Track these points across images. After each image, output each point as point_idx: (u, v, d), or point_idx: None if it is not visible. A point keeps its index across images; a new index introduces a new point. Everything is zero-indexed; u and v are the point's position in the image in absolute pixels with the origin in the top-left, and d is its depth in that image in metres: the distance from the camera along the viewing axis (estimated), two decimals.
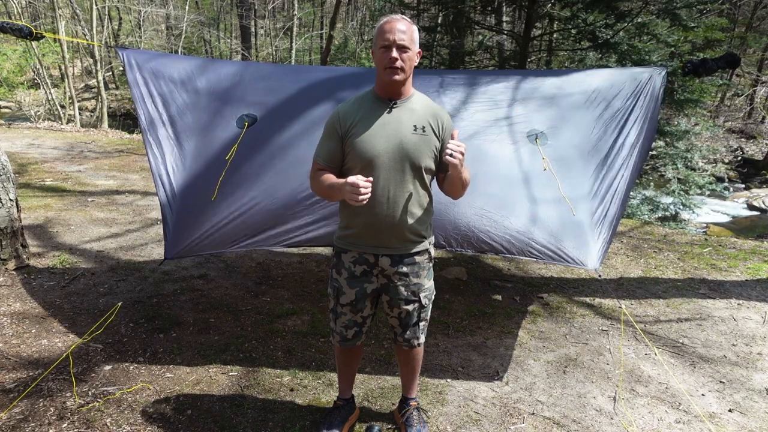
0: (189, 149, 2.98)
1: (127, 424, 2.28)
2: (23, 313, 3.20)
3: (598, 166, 2.98)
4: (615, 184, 2.94)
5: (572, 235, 2.76)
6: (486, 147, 2.99)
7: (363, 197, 1.74)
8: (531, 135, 3.03)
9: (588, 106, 3.14)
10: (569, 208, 2.79)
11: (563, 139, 3.04)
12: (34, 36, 2.96)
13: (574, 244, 2.73)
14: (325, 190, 1.95)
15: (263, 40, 26.20)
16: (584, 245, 2.74)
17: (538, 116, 3.11)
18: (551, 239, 2.73)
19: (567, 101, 3.17)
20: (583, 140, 3.05)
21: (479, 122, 3.07)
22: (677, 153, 8.28)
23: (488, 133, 3.04)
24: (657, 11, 6.92)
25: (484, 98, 3.17)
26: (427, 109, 1.99)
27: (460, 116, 3.08)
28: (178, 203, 2.85)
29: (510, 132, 3.06)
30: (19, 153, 8.16)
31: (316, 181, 1.99)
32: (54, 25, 19.48)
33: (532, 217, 2.80)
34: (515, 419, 2.43)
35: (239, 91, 3.17)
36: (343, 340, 2.16)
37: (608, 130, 3.08)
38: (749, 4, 19.34)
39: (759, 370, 2.96)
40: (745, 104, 20.24)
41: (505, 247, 2.74)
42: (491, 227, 2.77)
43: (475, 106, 3.14)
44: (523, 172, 2.93)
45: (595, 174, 2.96)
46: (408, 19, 1.92)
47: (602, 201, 2.89)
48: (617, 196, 2.91)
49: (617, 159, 3.00)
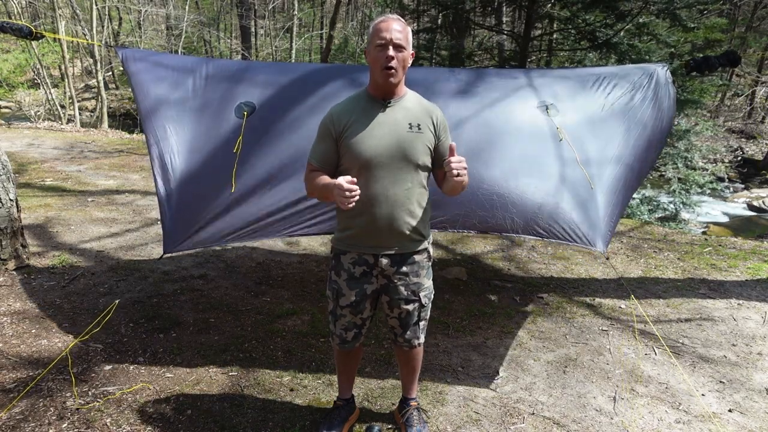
0: (190, 137, 2.92)
1: (127, 424, 2.28)
2: (23, 312, 3.20)
3: (612, 139, 3.00)
4: (627, 157, 2.97)
5: (583, 211, 2.73)
6: (494, 121, 3.00)
7: (350, 200, 1.73)
8: (541, 106, 3.04)
9: (597, 82, 3.24)
10: (583, 181, 2.76)
11: (574, 110, 3.07)
12: (34, 36, 2.96)
13: (584, 220, 2.70)
14: (319, 191, 1.94)
15: (263, 41, 26.19)
16: (595, 224, 2.71)
17: (548, 90, 3.17)
18: (560, 215, 2.69)
19: (576, 79, 3.27)
20: (593, 112, 3.09)
21: (490, 97, 3.10)
22: (677, 153, 8.28)
23: (498, 105, 3.06)
24: (657, 11, 6.91)
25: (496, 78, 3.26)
26: (420, 106, 2.00)
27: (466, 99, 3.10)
28: (176, 196, 2.80)
29: (520, 104, 3.09)
30: (19, 153, 8.16)
31: (310, 183, 1.98)
32: (54, 25, 19.47)
33: (543, 192, 2.76)
34: (515, 419, 2.43)
35: (242, 78, 3.14)
36: (343, 343, 2.15)
37: (619, 103, 3.14)
38: (749, 4, 19.34)
39: (759, 370, 2.96)
40: (745, 104, 20.24)
41: (509, 225, 2.71)
42: (498, 203, 2.73)
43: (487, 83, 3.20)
44: (534, 145, 2.93)
45: (608, 146, 2.98)
46: (402, 19, 1.92)
47: (615, 173, 2.90)
48: (629, 172, 2.93)
49: (630, 133, 3.03)
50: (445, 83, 3.16)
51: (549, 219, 2.69)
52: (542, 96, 3.13)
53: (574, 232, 2.68)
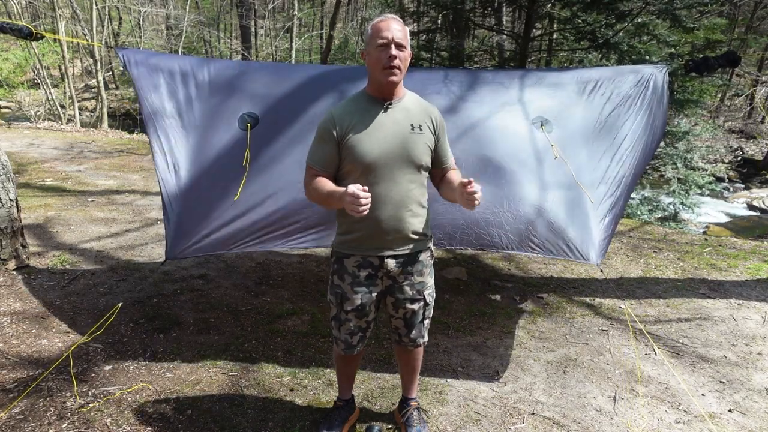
0: (193, 145, 2.92)
1: (127, 424, 2.28)
2: (23, 312, 3.20)
3: (605, 154, 2.99)
4: (620, 174, 2.95)
5: (577, 226, 2.74)
6: (489, 135, 2.98)
7: (363, 208, 1.70)
8: (536, 122, 3.02)
9: (592, 93, 3.18)
10: (577, 197, 2.77)
11: (568, 127, 3.04)
12: (34, 36, 2.95)
13: (578, 235, 2.72)
14: (323, 197, 1.89)
15: (263, 41, 26.19)
16: (588, 238, 2.72)
17: (542, 104, 3.12)
18: (554, 231, 2.70)
19: (571, 89, 3.20)
20: (587, 127, 3.06)
21: (482, 111, 3.07)
22: (677, 153, 8.28)
23: (490, 121, 3.03)
24: (657, 12, 6.91)
25: (487, 90, 3.19)
26: (420, 107, 2.00)
27: (464, 106, 3.07)
28: (180, 202, 2.82)
29: (513, 120, 3.05)
30: (19, 153, 8.16)
31: (312, 188, 1.93)
32: (54, 25, 19.47)
33: (536, 208, 2.77)
34: (515, 419, 2.43)
35: (242, 83, 3.12)
36: (348, 347, 2.12)
37: (612, 117, 3.10)
38: (749, 5, 19.34)
39: (759, 370, 2.96)
40: (745, 104, 20.25)
41: (504, 242, 2.72)
42: (493, 221, 2.74)
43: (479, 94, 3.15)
44: (529, 161, 2.92)
45: (601, 162, 2.97)
46: (400, 19, 1.92)
47: (608, 190, 2.89)
48: (622, 187, 2.92)
49: (622, 148, 3.01)
50: (435, 96, 3.07)
51: (542, 236, 2.72)
52: (536, 111, 3.08)
53: (568, 247, 2.71)
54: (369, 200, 1.71)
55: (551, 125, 3.01)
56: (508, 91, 3.18)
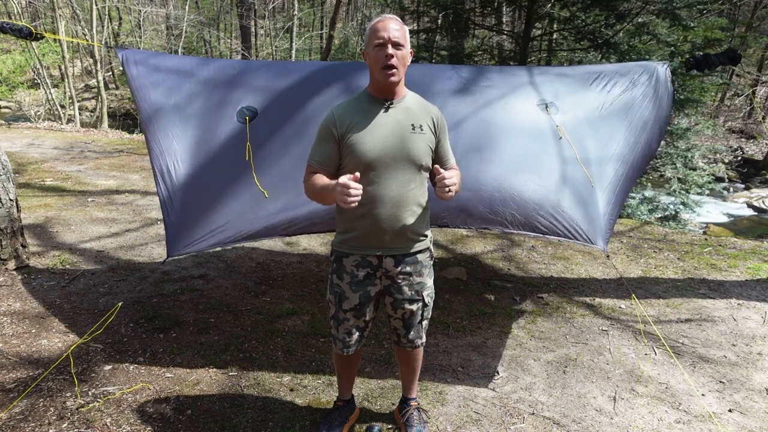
0: (191, 143, 2.92)
1: (127, 424, 2.28)
2: (23, 312, 3.20)
3: (611, 138, 3.03)
4: (626, 156, 2.99)
5: (583, 210, 2.75)
6: (495, 119, 3.01)
7: (353, 199, 1.70)
8: (541, 104, 3.05)
9: (597, 80, 3.26)
10: (583, 179, 2.78)
11: (574, 111, 3.09)
12: (34, 36, 2.95)
13: (584, 219, 2.71)
14: (318, 192, 1.91)
15: (263, 41, 26.19)
16: (595, 219, 2.73)
17: (550, 87, 3.19)
18: (561, 213, 2.70)
19: (576, 78, 3.29)
20: (593, 110, 3.11)
21: (492, 94, 3.12)
22: (677, 152, 8.28)
23: (495, 105, 3.07)
24: (657, 11, 6.91)
25: (497, 76, 3.27)
26: (420, 107, 2.00)
27: (473, 89, 3.12)
28: (178, 200, 2.80)
29: (521, 102, 3.11)
30: (19, 153, 8.17)
31: (310, 183, 1.94)
32: (54, 25, 19.47)
33: (542, 188, 2.77)
34: (515, 419, 2.43)
35: (243, 79, 3.11)
36: (346, 347, 2.13)
37: (620, 101, 3.17)
38: (749, 4, 19.33)
39: (759, 370, 2.96)
40: (745, 104, 20.24)
41: (509, 221, 2.71)
42: (499, 199, 2.74)
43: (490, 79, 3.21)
44: (534, 143, 2.94)
45: (607, 145, 3.00)
46: (399, 19, 1.92)
47: (615, 171, 2.92)
48: (628, 170, 2.95)
49: (629, 132, 3.05)
50: (446, 81, 3.16)
51: (549, 216, 2.70)
52: (542, 94, 3.14)
53: (575, 230, 2.69)
54: (359, 192, 1.71)
55: (555, 107, 3.07)
56: (516, 77, 3.27)
